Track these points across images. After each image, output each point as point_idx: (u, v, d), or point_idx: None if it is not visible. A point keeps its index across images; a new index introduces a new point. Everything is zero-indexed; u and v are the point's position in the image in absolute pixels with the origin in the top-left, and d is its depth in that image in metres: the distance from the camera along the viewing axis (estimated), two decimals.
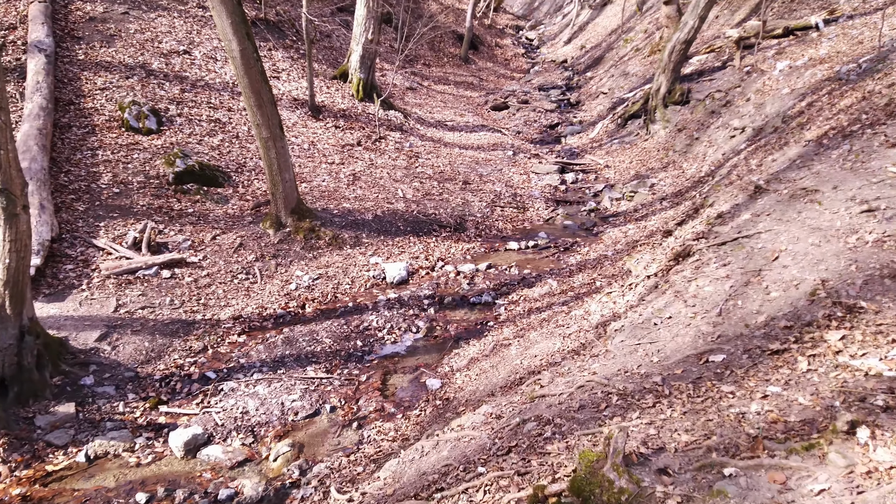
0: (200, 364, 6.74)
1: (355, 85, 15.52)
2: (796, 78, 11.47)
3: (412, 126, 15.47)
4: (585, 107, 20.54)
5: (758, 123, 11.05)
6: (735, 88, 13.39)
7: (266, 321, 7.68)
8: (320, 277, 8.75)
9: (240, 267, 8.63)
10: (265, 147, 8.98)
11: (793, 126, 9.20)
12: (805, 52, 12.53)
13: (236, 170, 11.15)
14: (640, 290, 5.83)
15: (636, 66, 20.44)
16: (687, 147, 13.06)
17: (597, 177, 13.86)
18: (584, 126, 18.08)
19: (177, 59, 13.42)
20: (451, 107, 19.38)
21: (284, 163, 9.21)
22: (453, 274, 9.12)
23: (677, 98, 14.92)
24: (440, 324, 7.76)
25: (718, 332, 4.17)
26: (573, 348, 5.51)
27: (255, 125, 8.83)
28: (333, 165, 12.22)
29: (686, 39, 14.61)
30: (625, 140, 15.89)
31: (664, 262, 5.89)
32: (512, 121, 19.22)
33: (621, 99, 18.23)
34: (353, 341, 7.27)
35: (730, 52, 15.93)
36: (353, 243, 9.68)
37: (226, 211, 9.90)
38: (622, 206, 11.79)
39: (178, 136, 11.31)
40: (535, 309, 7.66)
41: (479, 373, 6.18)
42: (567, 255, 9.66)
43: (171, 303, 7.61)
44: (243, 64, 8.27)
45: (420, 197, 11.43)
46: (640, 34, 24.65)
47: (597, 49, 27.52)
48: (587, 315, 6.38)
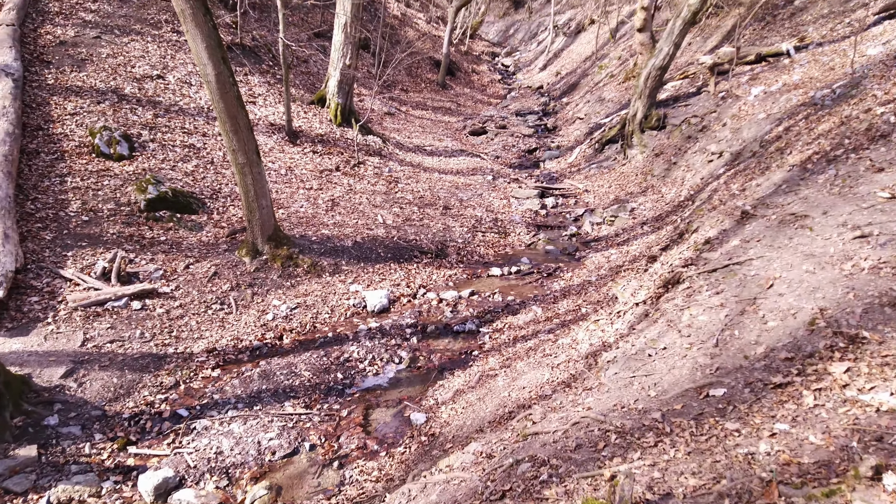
0: (172, 401, 6.41)
1: (333, 110, 15.38)
2: (772, 103, 11.60)
3: (391, 151, 15.34)
4: (563, 132, 20.66)
5: (735, 148, 11.12)
6: (711, 113, 13.52)
7: (242, 354, 7.37)
8: (298, 307, 8.47)
9: (214, 297, 8.32)
10: (241, 173, 8.74)
11: (772, 151, 9.24)
12: (779, 78, 12.72)
13: (211, 196, 10.86)
14: (629, 319, 5.69)
15: (612, 92, 20.66)
16: (665, 172, 13.10)
17: (576, 201, 13.83)
18: (563, 151, 18.15)
19: (150, 84, 13.16)
20: (429, 132, 19.33)
21: (261, 189, 8.97)
22: (436, 301, 8.91)
23: (654, 123, 15.05)
24: (423, 354, 7.52)
25: (717, 364, 4.02)
26: (563, 380, 5.33)
27: (231, 150, 8.60)
28: (311, 191, 12.00)
29: (661, 66, 14.78)
30: (603, 165, 15.95)
31: (653, 289, 5.76)
32: (490, 145, 19.23)
33: (598, 124, 18.36)
34: (334, 374, 7.00)
35: (704, 78, 16.16)
36: (332, 271, 9.43)
37: (200, 238, 9.60)
38: (603, 230, 11.73)
39: (151, 161, 11.01)
40: (520, 337, 7.47)
41: (466, 406, 5.95)
42: (550, 281, 9.52)
43: (142, 336, 7.28)
44: (219, 88, 8.06)
45: (400, 223, 11.25)
46: (615, 61, 25.04)
47: (572, 75, 27.88)
48: (575, 344, 6.21)
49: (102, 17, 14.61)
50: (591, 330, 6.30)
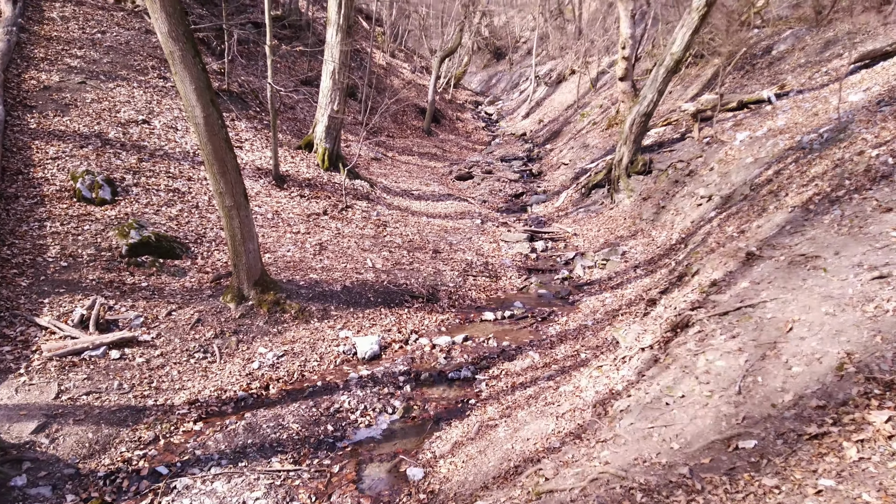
0: (151, 457, 5.98)
1: (321, 155, 15.28)
2: (758, 148, 11.71)
3: (379, 195, 15.21)
4: (548, 177, 20.77)
5: (725, 192, 11.13)
6: (697, 158, 13.63)
7: (225, 405, 6.97)
8: (286, 354, 8.12)
9: (197, 345, 7.95)
10: (228, 216, 8.49)
11: (764, 193, 9.23)
12: (763, 124, 12.89)
13: (195, 241, 10.56)
14: (636, 364, 5.45)
15: (595, 138, 20.90)
16: (654, 215, 13.09)
17: (566, 245, 13.72)
18: (549, 195, 18.17)
19: (135, 129, 12.97)
20: (416, 176, 19.30)
21: (248, 232, 8.71)
22: (428, 347, 8.61)
23: (640, 168, 15.13)
24: (418, 403, 7.18)
25: (743, 413, 3.79)
26: (571, 430, 5.04)
27: (218, 193, 8.36)
28: (299, 235, 11.75)
29: (646, 112, 14.94)
30: (590, 209, 15.94)
31: (660, 333, 5.55)
32: (477, 190, 19.22)
33: (584, 169, 18.47)
34: (324, 426, 6.62)
35: (686, 124, 16.39)
36: (320, 316, 9.11)
37: (183, 284, 9.26)
38: (595, 274, 11.58)
39: (134, 206, 10.72)
40: (519, 384, 7.18)
41: (467, 459, 5.61)
42: (545, 326, 9.28)
43: (120, 387, 6.87)
44: (207, 131, 7.88)
45: (390, 267, 11.01)
46: (596, 109, 25.48)
47: (554, 123, 28.29)
48: (579, 391, 5.94)
49: (88, 63, 14.51)
50: (595, 377, 6.05)
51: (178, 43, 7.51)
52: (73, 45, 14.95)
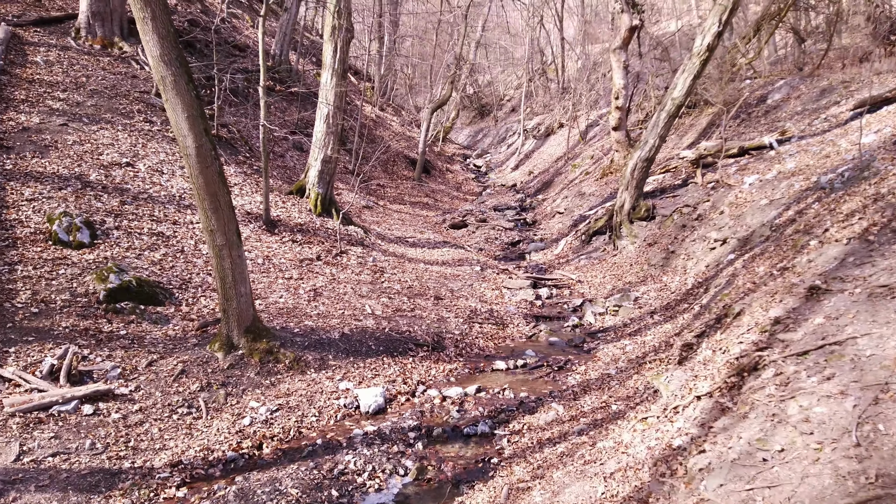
0: None
1: (313, 200, 14.69)
2: (771, 190, 11.34)
3: (373, 241, 14.57)
4: (543, 226, 20.36)
5: (741, 234, 10.66)
6: (704, 203, 13.25)
7: (213, 468, 6.09)
8: (280, 409, 7.26)
9: (181, 399, 7.08)
10: (219, 256, 7.77)
11: (790, 233, 8.75)
12: (771, 168, 12.59)
13: (180, 286, 9.78)
14: (694, 415, 4.75)
15: (591, 186, 20.64)
16: (664, 260, 12.57)
17: (571, 291, 13.10)
18: (547, 243, 17.67)
19: (118, 171, 12.32)
20: (409, 224, 18.75)
21: (240, 274, 7.97)
22: (438, 399, 7.81)
23: (643, 214, 14.72)
24: (432, 462, 6.35)
25: (873, 470, 3.10)
26: (629, 494, 4.27)
27: (209, 231, 7.67)
28: (291, 281, 11.00)
29: (647, 157, 14.65)
30: (592, 256, 15.43)
31: (720, 378, 4.88)
32: (472, 238, 18.68)
33: (582, 216, 18.07)
34: (327, 491, 5.75)
35: (686, 171, 16.13)
36: (318, 366, 8.29)
37: (166, 332, 8.44)
38: (608, 321, 10.93)
39: (115, 249, 9.96)
40: (545, 440, 6.40)
41: None
42: (563, 375, 8.55)
43: (92, 447, 5.97)
44: (199, 163, 7.25)
45: (390, 313, 10.26)
46: (588, 160, 25.40)
47: (545, 174, 28.18)
48: (624, 448, 5.19)
49: (71, 106, 13.97)
50: (641, 430, 5.31)
51: (170, 67, 6.96)
52: (56, 88, 14.43)
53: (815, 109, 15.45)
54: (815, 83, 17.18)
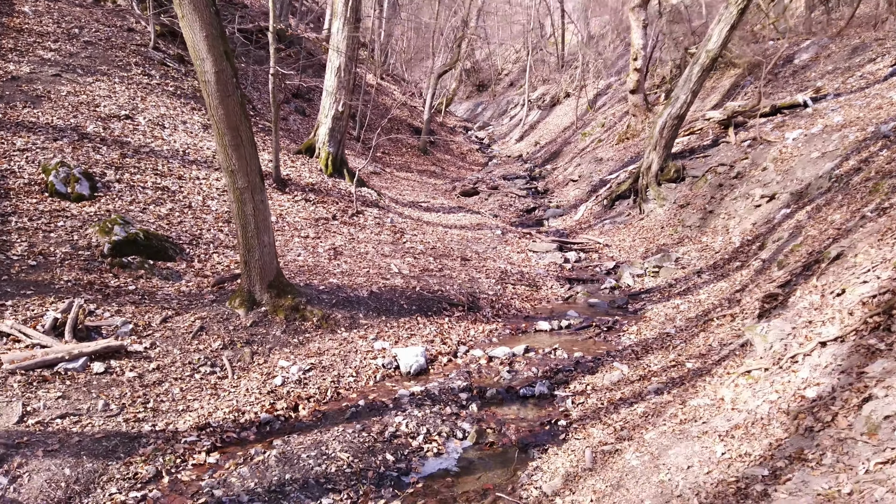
0: (152, 500, 4.31)
1: (324, 160, 13.81)
2: (822, 143, 10.61)
3: (388, 204, 13.76)
4: (556, 193, 19.61)
5: (793, 188, 9.95)
6: (742, 161, 12.51)
7: (246, 431, 5.33)
8: (313, 368, 6.51)
9: (202, 357, 6.30)
10: (240, 201, 6.94)
11: (858, 181, 8.06)
12: (814, 123, 11.87)
13: (190, 242, 8.96)
14: (825, 362, 4.04)
15: (608, 152, 19.87)
16: (701, 221, 11.86)
17: (600, 255, 12.38)
18: (565, 209, 16.92)
19: (117, 124, 11.40)
20: (419, 191, 17.93)
21: (263, 222, 7.16)
22: (484, 360, 7.09)
23: (672, 175, 13.98)
24: (491, 425, 5.63)
25: None
26: (765, 454, 3.56)
27: (229, 172, 6.84)
28: (308, 239, 10.20)
29: (678, 114, 13.87)
30: (616, 220, 14.70)
31: (856, 319, 4.17)
32: (486, 205, 17.88)
33: (602, 181, 17.31)
34: (381, 455, 5.02)
35: (713, 132, 15.38)
36: (348, 325, 7.53)
37: (178, 289, 7.64)
38: (647, 282, 10.23)
39: (118, 203, 9.11)
40: (617, 401, 5.69)
41: (598, 498, 4.07)
42: (613, 336, 7.84)
43: (106, 408, 5.19)
44: (219, 90, 6.39)
45: (418, 273, 9.49)
46: (598, 128, 24.61)
47: (552, 144, 27.37)
48: (730, 404, 4.49)
49: (63, 57, 12.98)
50: (748, 384, 4.60)
51: None
52: (47, 39, 13.43)
53: (849, 68, 14.68)
54: (846, 42, 16.40)
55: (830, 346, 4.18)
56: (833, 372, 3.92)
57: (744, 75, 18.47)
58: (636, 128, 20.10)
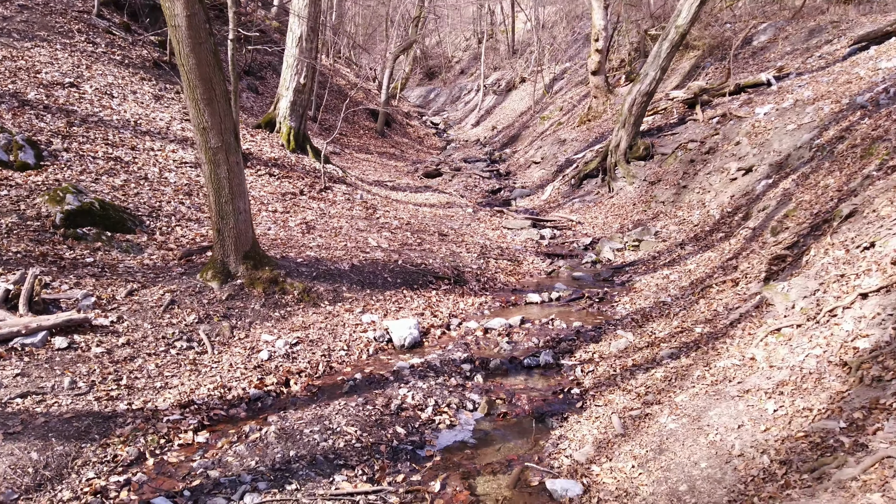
0: (138, 484, 3.76)
1: (285, 134, 13.11)
2: (796, 115, 10.67)
3: (354, 181, 13.19)
4: (519, 175, 19.42)
5: (772, 159, 9.96)
6: (712, 137, 12.53)
7: (235, 407, 4.80)
8: (300, 342, 5.99)
9: (177, 332, 5.70)
10: (212, 162, 6.33)
11: (843, 148, 8.07)
12: (784, 98, 11.96)
13: (150, 214, 8.24)
14: (871, 312, 3.84)
15: (571, 133, 19.77)
16: (675, 196, 11.81)
17: (574, 232, 12.19)
18: (532, 189, 16.72)
19: (61, 92, 10.47)
20: (381, 171, 17.38)
21: (238, 186, 6.57)
22: (480, 332, 6.71)
23: (641, 153, 13.93)
24: (501, 396, 5.26)
25: None
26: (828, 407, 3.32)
27: (200, 130, 6.21)
28: (277, 214, 9.58)
29: (648, 91, 13.83)
30: (585, 199, 14.57)
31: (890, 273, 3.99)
32: (450, 186, 17.49)
33: (568, 161, 17.18)
34: (391, 428, 4.58)
35: (678, 111, 15.43)
36: (332, 298, 7.02)
37: (141, 262, 6.96)
38: (628, 256, 10.07)
39: (67, 172, 8.31)
40: (631, 368, 5.42)
41: (639, 463, 3.76)
42: (606, 306, 7.61)
43: (73, 386, 4.56)
44: (190, 37, 5.77)
45: (398, 247, 9.03)
46: (557, 111, 24.57)
47: (510, 128, 27.24)
48: (765, 363, 4.25)
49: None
50: (781, 342, 4.38)
51: None
52: None
53: (807, 49, 14.93)
54: (802, 24, 16.69)
55: (873, 297, 3.99)
56: (884, 322, 3.71)
57: (703, 56, 18.63)
58: (597, 109, 20.06)
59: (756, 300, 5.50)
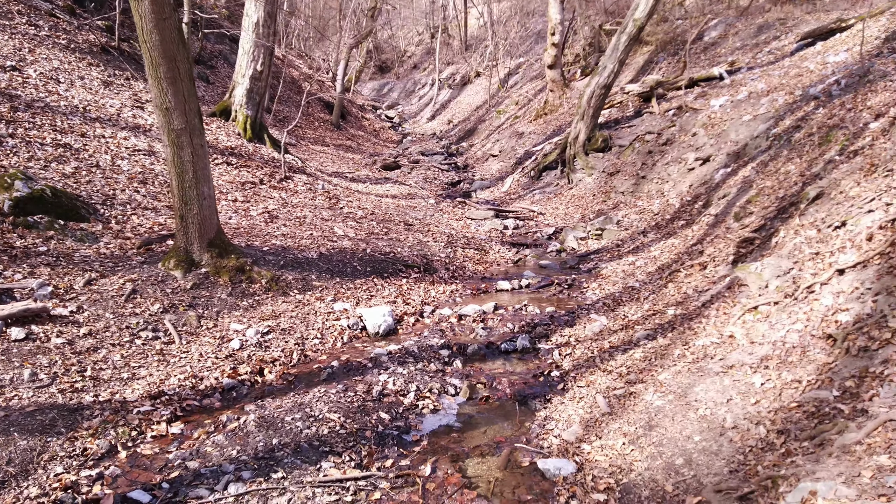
0: (111, 478, 3.55)
1: (241, 123, 12.74)
2: (751, 106, 10.99)
3: (314, 172, 12.94)
4: (478, 168, 19.46)
5: (729, 149, 10.24)
6: (668, 129, 12.79)
7: (208, 398, 4.61)
8: (272, 331, 5.81)
9: (141, 321, 5.44)
10: (175, 144, 6.07)
11: (800, 137, 8.33)
12: (738, 91, 12.30)
13: (104, 202, 7.86)
14: (850, 287, 3.95)
15: (529, 127, 19.91)
16: (634, 187, 12.01)
17: (537, 223, 12.26)
18: (492, 181, 16.77)
19: (2, 76, 9.89)
20: (338, 163, 17.10)
21: (203, 170, 6.33)
22: (454, 318, 6.66)
23: (599, 145, 14.11)
24: (481, 380, 5.22)
25: None
26: (816, 378, 3.39)
27: (163, 111, 5.94)
28: (238, 203, 9.30)
29: (606, 84, 14.01)
30: (545, 190, 14.69)
31: (879, 244, 4.10)
32: (409, 178, 17.36)
33: (527, 153, 17.29)
34: (374, 414, 4.47)
35: (633, 104, 15.72)
36: (301, 287, 6.84)
37: (98, 251, 6.63)
38: (592, 244, 10.19)
39: (13, 159, 7.85)
40: (608, 350, 5.46)
41: (629, 440, 3.77)
42: (576, 293, 7.66)
43: (34, 378, 4.29)
44: (154, 11, 5.50)
45: (365, 236, 8.89)
46: (513, 106, 24.72)
47: (466, 122, 27.28)
48: (745, 339, 4.33)
49: None
50: (759, 319, 4.47)
51: None
52: None
53: (756, 44, 15.41)
54: (751, 21, 17.22)
55: (850, 273, 4.10)
56: (863, 296, 3.83)
57: (656, 52, 19.01)
58: (554, 103, 20.25)
59: (727, 281, 5.62)
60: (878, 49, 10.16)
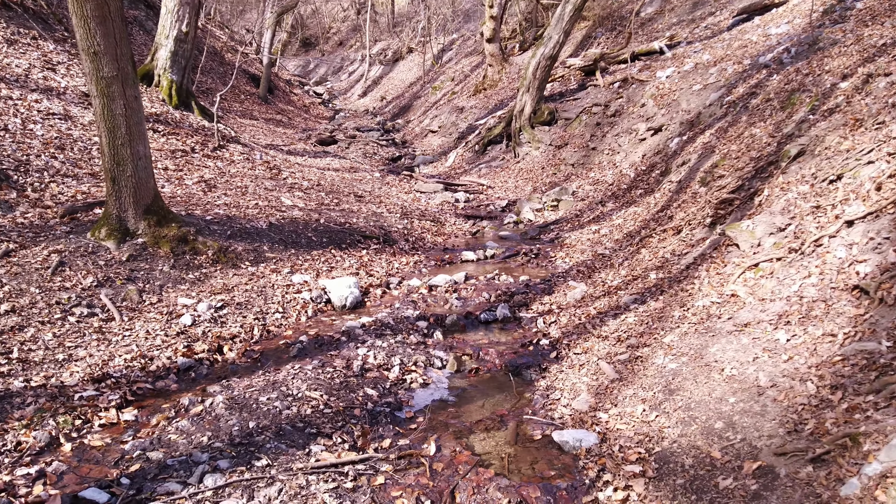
0: (55, 475, 2.92)
1: (166, 88, 11.69)
2: (700, 76, 11.01)
3: (250, 142, 12.06)
4: (417, 143, 18.97)
5: (682, 118, 10.19)
6: (616, 100, 12.71)
7: (162, 379, 3.97)
8: (226, 306, 5.17)
9: (73, 297, 4.69)
10: (106, 95, 5.27)
11: (758, 102, 8.34)
12: (683, 62, 12.33)
13: (16, 169, 6.88)
14: (864, 238, 3.77)
15: (468, 102, 19.54)
16: (584, 159, 11.87)
17: (487, 196, 11.93)
18: (435, 156, 16.31)
19: None
20: (272, 137, 16.15)
21: (137, 126, 5.55)
22: (424, 289, 6.20)
23: (545, 118, 13.90)
24: (467, 351, 4.81)
25: None
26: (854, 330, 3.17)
27: (91, 55, 5.13)
28: (169, 172, 8.43)
29: (551, 55, 13.78)
30: (492, 164, 14.40)
31: (889, 193, 3.95)
32: (349, 153, 16.64)
33: (470, 128, 16.91)
34: (360, 390, 3.97)
35: (576, 78, 15.63)
36: (252, 259, 6.19)
37: (14, 220, 5.74)
38: (548, 216, 9.95)
39: None
40: (596, 315, 5.16)
41: (651, 407, 3.46)
42: (544, 262, 7.37)
43: None
44: None
45: (316, 206, 8.26)
46: (449, 82, 24.32)
47: (401, 98, 26.67)
48: (751, 297, 4.11)
49: None
50: (762, 276, 4.27)
51: None
52: None
53: (692, 20, 15.58)
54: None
55: (859, 224, 3.94)
56: (880, 245, 3.65)
57: (594, 27, 19.00)
58: (493, 77, 19.95)
59: (708, 242, 5.43)
60: (820, 20, 10.33)
